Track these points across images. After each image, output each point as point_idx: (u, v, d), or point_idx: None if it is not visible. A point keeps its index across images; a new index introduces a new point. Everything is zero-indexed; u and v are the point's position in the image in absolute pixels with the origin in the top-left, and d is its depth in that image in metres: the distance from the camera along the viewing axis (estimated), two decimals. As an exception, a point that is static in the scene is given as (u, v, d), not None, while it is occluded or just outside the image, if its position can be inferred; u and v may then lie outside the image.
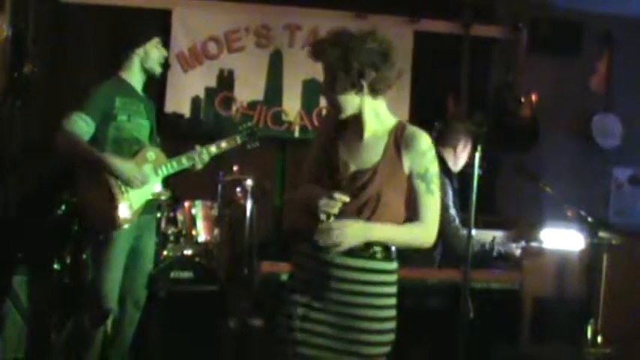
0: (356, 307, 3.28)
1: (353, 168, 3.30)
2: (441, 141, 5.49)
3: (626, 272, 5.34)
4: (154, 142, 5.20)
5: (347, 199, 3.19)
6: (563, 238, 5.53)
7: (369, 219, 3.24)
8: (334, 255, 3.23)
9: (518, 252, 5.41)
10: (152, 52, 5.12)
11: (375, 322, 3.30)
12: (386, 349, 3.34)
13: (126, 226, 4.93)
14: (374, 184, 3.25)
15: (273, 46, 8.01)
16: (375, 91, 3.29)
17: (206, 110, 7.89)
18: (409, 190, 3.31)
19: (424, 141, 3.31)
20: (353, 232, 3.18)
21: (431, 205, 3.33)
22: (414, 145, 3.29)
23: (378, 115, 3.35)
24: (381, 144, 3.33)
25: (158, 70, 5.17)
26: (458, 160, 5.46)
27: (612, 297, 5.22)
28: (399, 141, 3.32)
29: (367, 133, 3.34)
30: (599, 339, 5.13)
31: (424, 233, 3.35)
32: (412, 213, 3.33)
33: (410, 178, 3.30)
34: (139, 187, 4.97)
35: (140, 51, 5.09)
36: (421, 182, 3.30)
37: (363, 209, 3.25)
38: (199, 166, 5.31)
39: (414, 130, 3.34)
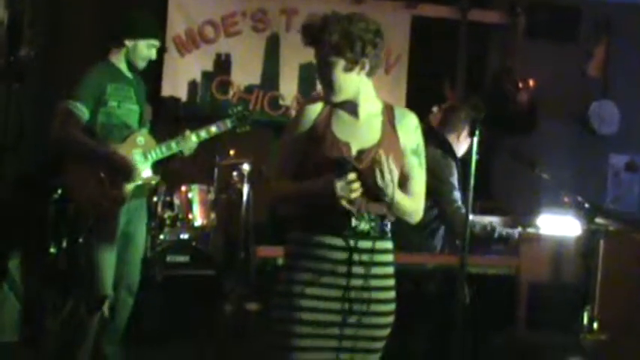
0: (369, 290, 3.28)
1: (355, 148, 3.29)
2: (446, 126, 5.53)
3: (622, 258, 5.33)
4: (143, 126, 5.17)
5: (354, 176, 3.17)
6: (559, 224, 5.52)
7: None
8: (350, 239, 3.23)
9: (517, 235, 5.42)
10: (141, 50, 5.04)
11: (385, 304, 3.33)
12: (389, 330, 3.37)
13: (114, 210, 4.92)
14: None
15: (270, 31, 8.02)
16: (370, 70, 3.31)
17: (203, 94, 7.89)
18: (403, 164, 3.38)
19: (414, 118, 3.43)
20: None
21: (422, 179, 3.43)
22: (406, 121, 3.40)
23: (371, 94, 3.38)
24: (378, 122, 3.36)
25: (141, 66, 5.10)
26: (460, 146, 5.48)
27: (609, 283, 5.22)
28: (392, 118, 3.38)
29: (362, 113, 3.35)
30: (595, 325, 5.13)
31: (418, 208, 3.43)
32: (402, 187, 3.36)
33: (403, 153, 3.36)
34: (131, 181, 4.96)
35: (130, 43, 5.03)
36: (415, 157, 3.39)
37: None
38: (187, 152, 5.28)
39: (402, 108, 3.46)
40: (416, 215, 3.43)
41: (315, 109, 3.36)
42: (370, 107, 3.37)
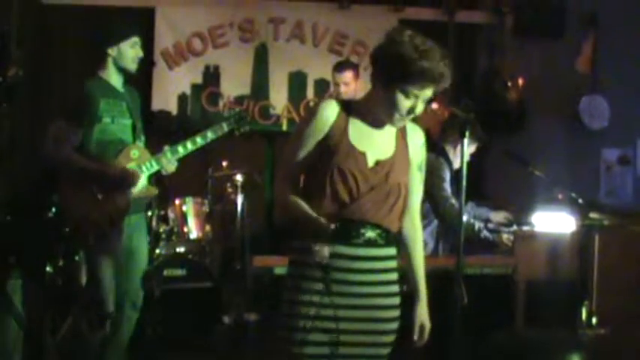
0: (377, 296, 3.30)
1: (372, 159, 3.28)
2: (445, 136, 5.60)
3: (618, 252, 5.33)
4: (138, 138, 5.14)
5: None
6: (554, 221, 5.53)
7: (393, 206, 3.29)
8: (357, 247, 3.24)
9: (505, 237, 5.44)
10: (126, 52, 5.01)
11: (392, 310, 3.35)
12: (395, 335, 3.38)
13: (114, 227, 4.92)
14: (394, 173, 3.29)
15: (257, 40, 8.03)
16: None
17: (193, 106, 7.91)
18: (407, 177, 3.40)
19: (423, 135, 3.46)
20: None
21: (421, 194, 3.49)
22: (416, 137, 3.43)
23: None
24: (392, 134, 3.36)
25: (133, 68, 5.07)
26: (457, 157, 5.53)
27: (606, 277, 5.22)
28: (404, 132, 3.39)
29: (383, 125, 3.33)
30: (593, 320, 5.14)
31: (418, 227, 3.53)
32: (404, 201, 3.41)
33: (410, 166, 3.39)
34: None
35: (113, 50, 5.01)
36: (419, 172, 3.44)
37: (388, 196, 3.28)
38: (171, 166, 5.23)
39: (412, 123, 3.43)
40: (421, 233, 3.57)
41: (332, 112, 3.30)
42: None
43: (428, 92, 3.21)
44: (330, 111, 3.30)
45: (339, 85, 6.57)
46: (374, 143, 3.31)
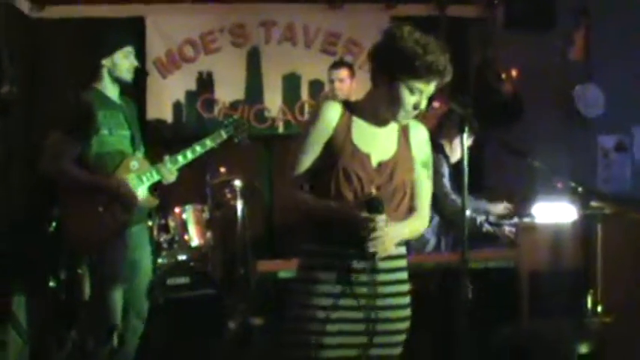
0: (389, 296, 3.29)
1: (375, 159, 3.28)
2: (440, 131, 5.61)
3: (621, 240, 5.32)
4: (137, 149, 5.13)
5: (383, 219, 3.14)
6: (555, 211, 5.52)
7: (398, 205, 3.29)
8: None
9: (507, 230, 5.43)
10: (120, 62, 5.01)
11: (403, 309, 3.36)
12: (405, 335, 3.39)
13: (116, 240, 4.90)
14: (398, 172, 3.29)
15: (249, 44, 8.03)
16: None
17: (188, 114, 7.90)
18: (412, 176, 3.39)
19: (426, 131, 3.47)
20: (393, 235, 3.22)
21: (429, 192, 3.47)
22: (419, 135, 3.43)
23: None
24: (394, 134, 3.37)
25: (128, 78, 5.07)
26: (454, 152, 5.54)
27: (610, 265, 5.20)
28: (406, 131, 3.39)
29: (385, 124, 3.34)
30: (599, 308, 5.13)
31: (423, 223, 3.46)
32: (411, 200, 3.40)
33: (414, 164, 3.39)
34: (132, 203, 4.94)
35: (107, 61, 5.00)
36: (424, 169, 3.43)
37: (394, 195, 3.28)
38: (171, 176, 5.22)
39: (415, 121, 3.43)
40: (423, 229, 3.49)
41: (335, 113, 3.30)
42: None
43: (431, 87, 3.22)
44: (333, 112, 3.30)
45: (334, 82, 6.58)
46: (377, 143, 3.31)
